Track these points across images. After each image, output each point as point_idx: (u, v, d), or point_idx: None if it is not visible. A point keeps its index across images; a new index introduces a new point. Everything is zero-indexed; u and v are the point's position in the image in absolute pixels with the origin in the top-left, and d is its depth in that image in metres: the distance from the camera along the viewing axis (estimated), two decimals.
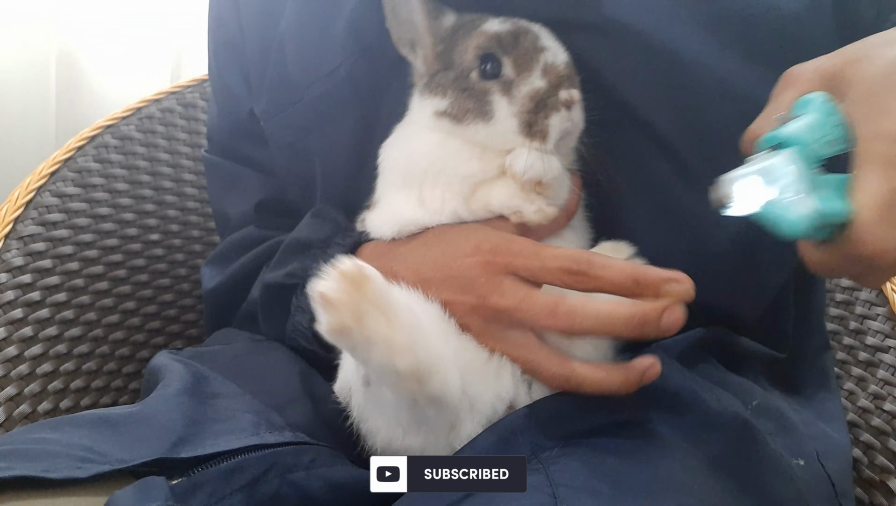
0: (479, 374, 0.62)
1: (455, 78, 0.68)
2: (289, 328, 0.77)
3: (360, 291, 0.54)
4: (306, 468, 0.62)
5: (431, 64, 0.70)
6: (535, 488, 0.53)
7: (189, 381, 0.69)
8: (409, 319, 0.57)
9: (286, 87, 0.82)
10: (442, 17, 0.70)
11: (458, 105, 0.67)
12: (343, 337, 0.54)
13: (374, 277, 0.55)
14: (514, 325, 0.62)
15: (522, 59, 0.66)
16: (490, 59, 0.67)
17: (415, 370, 0.56)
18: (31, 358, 0.90)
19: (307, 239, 0.78)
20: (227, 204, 0.94)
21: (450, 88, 0.68)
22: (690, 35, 0.69)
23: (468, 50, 0.68)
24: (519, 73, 0.66)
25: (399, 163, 0.71)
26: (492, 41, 0.67)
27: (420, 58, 0.71)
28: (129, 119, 1.12)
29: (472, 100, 0.67)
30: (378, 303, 0.55)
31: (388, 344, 0.55)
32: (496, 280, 0.62)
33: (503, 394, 0.63)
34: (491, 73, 0.67)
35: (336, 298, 0.54)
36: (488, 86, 0.67)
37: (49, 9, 1.43)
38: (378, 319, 0.54)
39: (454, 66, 0.68)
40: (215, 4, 0.95)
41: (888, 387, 0.95)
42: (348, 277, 0.54)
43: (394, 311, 0.55)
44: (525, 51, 0.66)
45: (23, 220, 0.95)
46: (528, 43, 0.67)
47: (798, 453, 0.69)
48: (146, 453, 0.58)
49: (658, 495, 0.53)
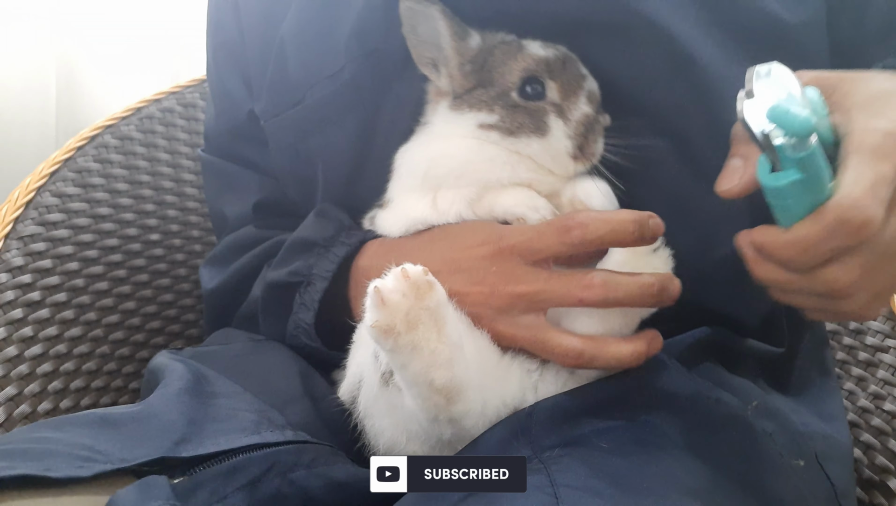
0: (486, 379, 0.62)
1: (497, 95, 0.69)
2: (290, 326, 0.77)
3: (419, 297, 0.55)
4: (307, 467, 0.62)
5: (460, 82, 0.71)
6: (536, 489, 0.53)
7: (190, 380, 0.69)
8: (456, 336, 0.57)
9: (287, 87, 0.82)
10: (468, 37, 0.71)
11: (511, 120, 0.69)
12: (387, 337, 0.55)
13: (438, 288, 0.56)
14: (528, 309, 0.63)
15: (569, 85, 0.69)
16: (534, 82, 0.69)
17: (448, 388, 0.56)
18: (31, 358, 0.90)
19: (311, 238, 0.78)
20: (224, 204, 0.94)
21: (496, 105, 0.69)
22: (706, 37, 0.70)
23: (512, 71, 0.69)
24: (566, 97, 0.69)
25: (420, 166, 0.72)
26: (539, 65, 0.69)
27: (444, 76, 0.72)
28: (129, 119, 1.12)
29: (526, 116, 0.69)
30: (434, 313, 0.55)
31: (433, 356, 0.55)
32: (507, 267, 0.64)
33: (508, 400, 0.64)
34: (533, 94, 0.69)
35: (393, 299, 0.54)
36: (540, 105, 0.69)
37: (49, 9, 1.43)
38: (430, 328, 0.55)
39: (494, 85, 0.70)
40: (214, 6, 0.95)
41: (888, 387, 0.95)
42: (412, 282, 0.55)
43: (446, 324, 0.56)
44: (572, 77, 0.69)
45: (23, 220, 0.95)
46: (574, 69, 0.69)
47: (798, 453, 0.70)
48: (147, 453, 0.58)
49: (659, 496, 0.53)
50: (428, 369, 0.56)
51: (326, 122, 0.80)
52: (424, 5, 0.69)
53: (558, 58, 0.69)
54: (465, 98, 0.71)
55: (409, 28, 0.71)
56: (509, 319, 0.64)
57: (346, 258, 0.75)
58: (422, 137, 0.74)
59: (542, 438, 0.59)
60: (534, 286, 0.62)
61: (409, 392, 0.58)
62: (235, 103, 0.91)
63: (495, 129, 0.69)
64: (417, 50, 0.72)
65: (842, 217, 0.48)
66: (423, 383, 0.56)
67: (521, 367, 0.65)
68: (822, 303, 0.56)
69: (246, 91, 0.90)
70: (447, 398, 0.57)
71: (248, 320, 0.87)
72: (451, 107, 0.72)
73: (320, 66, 0.79)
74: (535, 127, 0.68)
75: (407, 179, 0.73)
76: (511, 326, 0.64)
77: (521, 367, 0.65)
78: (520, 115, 0.69)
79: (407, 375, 0.57)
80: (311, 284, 0.75)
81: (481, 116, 0.70)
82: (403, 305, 0.55)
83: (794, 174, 0.49)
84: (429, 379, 0.56)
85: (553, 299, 0.62)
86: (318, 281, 0.75)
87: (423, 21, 0.70)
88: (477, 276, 0.65)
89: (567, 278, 0.62)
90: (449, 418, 0.58)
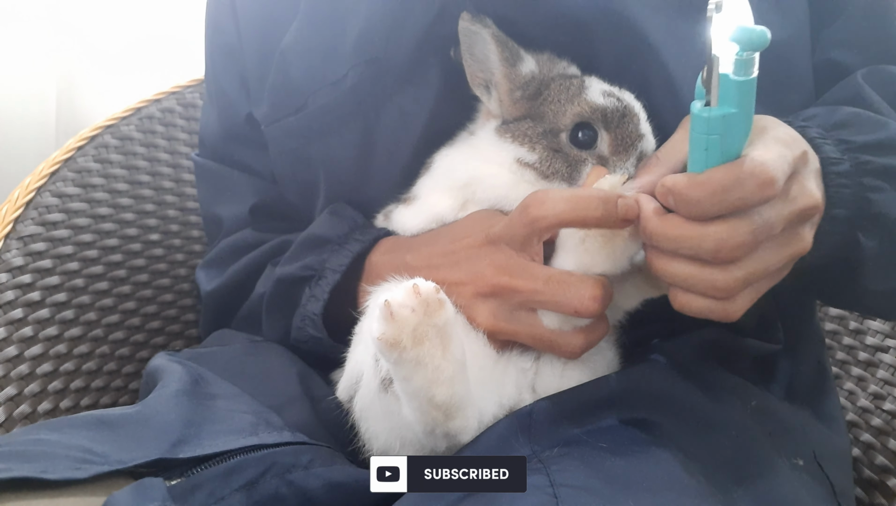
0: (484, 389, 0.62)
1: (544, 133, 0.69)
2: (297, 319, 0.77)
3: (429, 314, 0.54)
4: (305, 468, 0.62)
5: (509, 108, 0.71)
6: (536, 489, 0.53)
7: (187, 381, 0.69)
8: (460, 354, 0.57)
9: (289, 92, 0.82)
10: (520, 63, 0.71)
11: (549, 164, 0.68)
12: (392, 351, 0.55)
13: (448, 307, 0.56)
14: (524, 306, 0.63)
15: (622, 143, 0.68)
16: (587, 129, 0.68)
17: (448, 405, 0.56)
18: (31, 358, 0.90)
19: (325, 234, 0.78)
20: (219, 207, 0.94)
21: (538, 144, 0.69)
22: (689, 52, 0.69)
23: (566, 114, 0.68)
24: (615, 153, 0.68)
25: (461, 176, 0.72)
26: (595, 113, 0.68)
27: (494, 99, 0.72)
28: (129, 119, 1.12)
29: (563, 163, 0.68)
30: (442, 331, 0.55)
31: (436, 372, 0.55)
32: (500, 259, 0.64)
33: (505, 402, 0.64)
34: (583, 142, 0.68)
35: (402, 314, 0.54)
36: (583, 156, 0.68)
37: (49, 9, 1.43)
38: (436, 345, 0.55)
39: (543, 121, 0.69)
40: (212, 9, 0.95)
41: (888, 387, 0.95)
42: (423, 299, 0.54)
43: (451, 342, 0.56)
44: (627, 134, 0.68)
45: (23, 220, 0.95)
46: (631, 127, 0.68)
47: (796, 453, 0.70)
48: (145, 454, 0.58)
49: (658, 495, 0.53)
50: (430, 385, 0.56)
51: (328, 129, 0.80)
52: (477, 27, 0.69)
53: (618, 110, 0.68)
54: (512, 127, 0.70)
55: (466, 48, 0.71)
56: (507, 315, 0.64)
57: (360, 254, 0.75)
58: (466, 149, 0.74)
59: (541, 437, 0.59)
60: (530, 284, 0.62)
61: (408, 404, 0.58)
62: (233, 106, 0.91)
63: (532, 169, 0.69)
64: (472, 70, 0.72)
65: (752, 170, 0.53)
66: (424, 398, 0.56)
67: (517, 367, 0.66)
68: (709, 304, 0.57)
69: (244, 94, 0.90)
70: (446, 414, 0.57)
71: (247, 321, 0.87)
72: (497, 130, 0.72)
73: (323, 73, 0.79)
74: (567, 175, 0.68)
75: (443, 180, 0.73)
76: (509, 321, 0.64)
77: (516, 367, 0.66)
78: (558, 162, 0.68)
79: (408, 388, 0.57)
80: (323, 278, 0.75)
81: (521, 152, 0.69)
82: (412, 320, 0.54)
83: (729, 109, 0.53)
84: (430, 395, 0.56)
85: (548, 303, 0.62)
86: (330, 274, 0.75)
87: (478, 42, 0.70)
88: (472, 267, 0.65)
89: (566, 286, 0.61)
90: (445, 433, 0.59)
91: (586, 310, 0.60)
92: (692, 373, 0.69)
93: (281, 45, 0.82)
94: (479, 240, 0.66)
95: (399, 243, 0.74)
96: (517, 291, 0.63)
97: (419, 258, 0.69)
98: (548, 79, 0.71)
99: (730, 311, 0.57)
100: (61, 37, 1.46)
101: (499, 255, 0.64)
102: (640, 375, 0.67)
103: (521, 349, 0.66)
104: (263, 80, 0.85)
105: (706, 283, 0.56)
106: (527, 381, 0.65)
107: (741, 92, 0.52)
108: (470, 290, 0.64)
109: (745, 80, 0.52)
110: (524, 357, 0.66)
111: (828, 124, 0.65)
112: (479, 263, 0.65)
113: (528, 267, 0.63)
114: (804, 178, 0.58)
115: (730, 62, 0.52)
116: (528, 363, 0.66)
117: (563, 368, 0.66)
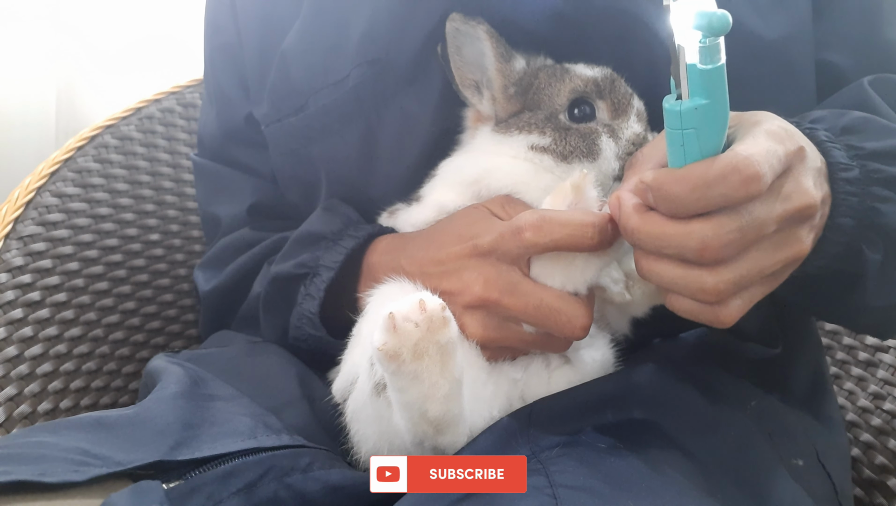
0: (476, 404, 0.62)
1: (546, 118, 0.69)
2: (294, 318, 0.77)
3: (432, 330, 0.54)
4: (304, 471, 0.61)
5: (503, 105, 0.71)
6: (535, 489, 0.53)
7: (186, 383, 0.69)
8: (458, 373, 0.57)
9: (290, 92, 0.82)
10: (513, 59, 0.71)
11: (564, 143, 0.68)
12: (391, 362, 0.54)
13: (452, 325, 0.55)
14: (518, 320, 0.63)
15: (619, 105, 0.69)
16: (582, 103, 0.69)
17: (440, 421, 0.57)
18: (31, 358, 0.90)
19: (319, 231, 0.78)
20: (217, 207, 0.94)
21: (547, 128, 0.69)
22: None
23: (560, 93, 0.69)
24: (616, 117, 0.69)
25: (470, 173, 0.71)
26: (588, 85, 0.68)
27: (486, 99, 0.72)
28: (129, 119, 1.12)
29: (578, 139, 0.68)
30: (443, 349, 0.55)
31: (432, 388, 0.55)
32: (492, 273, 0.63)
33: (496, 414, 0.64)
34: (581, 116, 0.69)
35: (405, 328, 0.54)
36: (592, 127, 0.68)
37: (49, 9, 1.43)
38: (435, 362, 0.55)
39: (541, 108, 0.70)
40: (211, 8, 0.95)
41: (888, 387, 0.95)
42: (428, 315, 0.54)
43: (451, 360, 0.55)
44: (621, 96, 0.69)
45: (23, 220, 0.95)
46: (622, 88, 0.69)
47: (797, 453, 0.70)
48: (143, 456, 0.58)
49: (658, 496, 0.53)
50: (424, 400, 0.56)
51: (330, 129, 0.80)
52: (471, 26, 0.69)
53: (606, 77, 0.69)
54: (512, 122, 0.70)
55: (454, 49, 0.70)
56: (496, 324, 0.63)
57: (354, 250, 0.75)
58: (467, 153, 0.74)
59: (540, 437, 0.59)
60: (520, 305, 0.61)
61: (400, 414, 0.58)
62: (232, 106, 0.91)
63: (548, 152, 0.68)
64: (461, 71, 0.71)
65: (735, 165, 0.50)
66: (417, 411, 0.56)
67: (508, 377, 0.65)
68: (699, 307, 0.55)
69: (243, 94, 0.90)
70: (436, 430, 0.57)
71: (247, 321, 0.87)
72: (495, 130, 0.71)
73: (325, 73, 0.79)
74: (587, 151, 0.67)
75: (452, 178, 0.73)
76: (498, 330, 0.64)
77: (507, 378, 0.65)
78: (573, 139, 0.68)
79: (402, 399, 0.57)
80: (318, 275, 0.75)
81: (533, 138, 0.69)
82: (414, 335, 0.54)
83: (700, 100, 0.50)
84: (423, 409, 0.56)
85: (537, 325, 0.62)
86: (324, 272, 0.75)
87: (469, 42, 0.70)
88: (461, 278, 0.64)
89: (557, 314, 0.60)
90: (433, 447, 0.59)
91: (574, 337, 0.61)
92: (692, 373, 0.69)
93: (282, 45, 0.82)
94: (467, 249, 0.64)
95: (395, 245, 0.73)
96: (506, 309, 0.62)
97: (413, 264, 0.68)
98: (535, 70, 0.71)
99: (721, 315, 0.54)
100: (61, 37, 1.45)
101: (488, 268, 0.63)
102: (639, 376, 0.67)
103: (511, 358, 0.66)
104: (263, 80, 0.85)
105: (694, 285, 0.53)
106: (517, 392, 0.65)
107: (710, 81, 0.50)
108: (460, 301, 0.64)
109: (713, 69, 0.49)
110: (515, 367, 0.66)
111: (836, 128, 0.63)
112: (468, 275, 0.64)
113: (519, 285, 0.62)
114: (800, 175, 0.55)
115: (695, 51, 0.49)
116: (518, 373, 0.66)
117: (549, 376, 0.66)
